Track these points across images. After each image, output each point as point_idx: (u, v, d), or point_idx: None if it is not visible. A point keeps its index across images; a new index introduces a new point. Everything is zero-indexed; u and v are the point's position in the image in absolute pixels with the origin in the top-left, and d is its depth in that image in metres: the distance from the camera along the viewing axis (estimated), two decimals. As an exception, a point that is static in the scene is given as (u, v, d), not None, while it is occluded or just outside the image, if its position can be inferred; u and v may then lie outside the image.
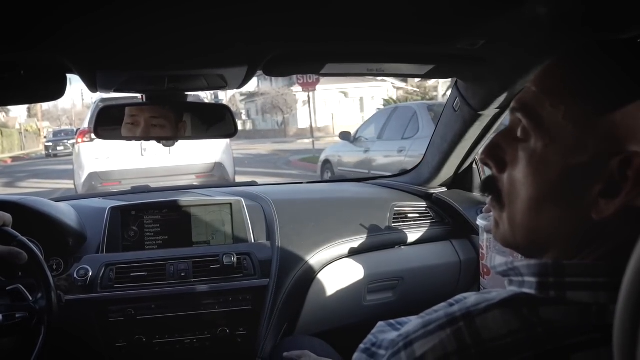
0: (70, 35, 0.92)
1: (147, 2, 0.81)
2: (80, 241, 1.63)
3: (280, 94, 27.32)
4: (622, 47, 0.59)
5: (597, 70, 0.56)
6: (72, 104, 36.08)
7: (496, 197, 0.64)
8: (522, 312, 0.53)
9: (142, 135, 1.30)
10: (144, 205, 1.71)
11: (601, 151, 0.53)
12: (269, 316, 1.59)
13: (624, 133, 0.52)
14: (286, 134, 27.16)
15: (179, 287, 1.55)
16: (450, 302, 0.62)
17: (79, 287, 1.50)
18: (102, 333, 1.52)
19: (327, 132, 26.18)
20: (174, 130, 1.29)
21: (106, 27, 0.89)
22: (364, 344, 0.74)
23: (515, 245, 0.63)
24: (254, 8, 0.85)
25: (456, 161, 1.85)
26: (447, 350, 0.54)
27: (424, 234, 1.86)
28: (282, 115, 27.87)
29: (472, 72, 1.41)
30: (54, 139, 24.62)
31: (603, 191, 0.53)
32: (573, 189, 0.55)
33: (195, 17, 0.88)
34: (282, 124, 28.64)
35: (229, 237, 1.70)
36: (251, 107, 34.16)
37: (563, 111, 0.56)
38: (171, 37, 0.96)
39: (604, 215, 0.53)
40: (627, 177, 0.52)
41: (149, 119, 1.28)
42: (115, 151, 6.71)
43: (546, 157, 0.57)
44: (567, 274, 0.55)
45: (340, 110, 26.20)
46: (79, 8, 0.80)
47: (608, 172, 0.53)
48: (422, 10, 0.92)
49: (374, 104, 26.10)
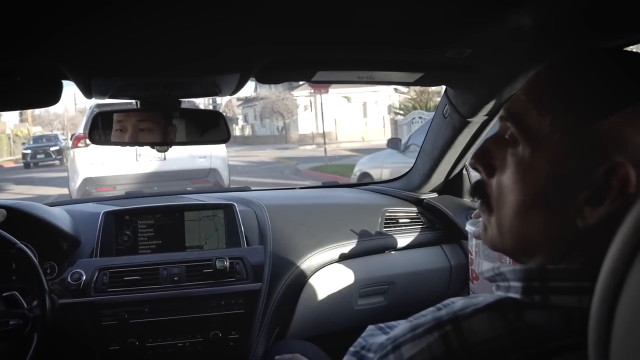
0: (66, 41, 0.93)
1: (144, 12, 0.82)
2: (74, 245, 1.64)
3: (280, 98, 26.37)
4: (608, 56, 0.60)
5: (583, 79, 0.57)
6: (65, 108, 35.43)
7: (485, 202, 0.65)
8: (508, 317, 0.54)
9: (131, 141, 1.31)
10: (138, 210, 1.72)
11: (587, 160, 0.54)
12: (261, 320, 1.60)
13: (609, 142, 0.53)
14: (287, 140, 26.36)
15: (172, 291, 1.56)
16: (438, 307, 0.62)
17: (72, 291, 1.51)
18: (96, 337, 1.53)
19: (330, 138, 24.72)
20: (162, 135, 1.29)
21: (102, 33, 0.90)
22: (353, 347, 0.75)
23: (503, 249, 0.64)
24: (247, 16, 0.87)
25: (446, 167, 1.87)
26: (434, 353, 0.55)
27: (415, 239, 1.88)
28: (282, 120, 26.84)
29: (460, 80, 1.43)
30: (33, 145, 20.97)
31: (588, 199, 0.54)
32: (559, 196, 0.56)
33: (189, 26, 0.89)
34: (283, 129, 27.59)
35: (222, 242, 1.71)
36: (249, 112, 32.88)
37: (550, 120, 0.56)
38: (166, 45, 0.98)
39: (589, 222, 0.54)
40: (612, 186, 0.52)
41: (136, 124, 1.29)
42: (110, 156, 6.73)
43: (533, 164, 0.57)
44: (551, 278, 0.55)
45: (343, 116, 25.40)
46: (75, 15, 0.81)
47: (593, 180, 0.53)
48: (411, 19, 0.94)
49: (377, 109, 25.69)
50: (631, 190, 0.51)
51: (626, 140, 0.52)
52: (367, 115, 26.45)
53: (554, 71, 0.59)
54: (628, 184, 0.51)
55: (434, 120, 1.78)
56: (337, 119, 24.73)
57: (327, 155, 12.91)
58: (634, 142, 0.52)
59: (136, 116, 1.29)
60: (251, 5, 0.82)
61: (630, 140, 0.52)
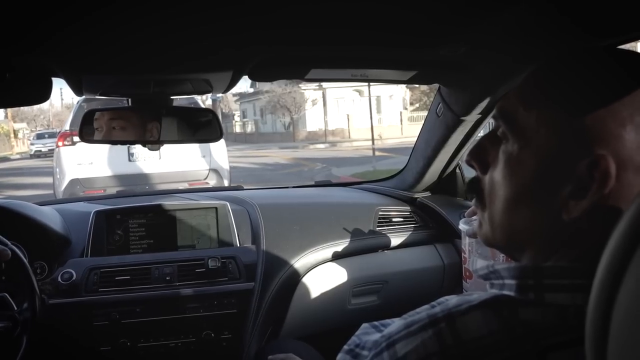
0: (57, 38, 0.92)
1: (134, 7, 0.81)
2: (64, 245, 1.62)
3: (287, 91, 24.26)
4: (592, 53, 0.61)
5: (567, 76, 0.58)
6: (50, 104, 34.65)
7: (479, 198, 0.66)
8: (502, 314, 0.54)
9: (105, 139, 1.31)
10: (129, 209, 1.71)
11: (571, 154, 0.55)
12: (254, 320, 1.59)
13: (593, 136, 0.54)
14: (294, 137, 24.37)
15: (163, 291, 1.55)
16: (432, 304, 0.63)
17: (63, 291, 1.49)
18: (87, 337, 1.52)
19: (342, 136, 23.26)
20: (139, 133, 1.28)
21: (93, 31, 0.89)
22: (347, 345, 0.75)
23: (496, 244, 0.65)
24: (239, 13, 0.86)
25: (440, 166, 1.86)
26: (428, 350, 0.55)
27: (408, 238, 1.87)
28: (289, 116, 24.74)
29: (454, 79, 1.43)
30: (37, 140, 25.52)
31: (572, 192, 0.55)
32: (545, 190, 0.57)
33: (181, 22, 0.88)
34: (290, 125, 25.55)
35: (214, 241, 1.71)
36: (248, 108, 30.72)
37: (535, 115, 0.58)
38: (157, 41, 0.97)
39: (573, 215, 0.55)
40: (594, 179, 0.53)
41: (108, 122, 1.29)
42: (99, 156, 6.22)
43: (521, 159, 0.59)
44: (545, 275, 0.56)
45: (355, 111, 23.48)
46: (67, 12, 0.80)
47: (577, 174, 0.54)
48: (405, 17, 0.94)
49: (392, 104, 24.15)
50: (611, 183, 0.52)
51: (609, 134, 0.53)
52: (382, 110, 24.64)
53: (540, 69, 0.61)
54: (608, 177, 0.53)
55: (427, 118, 1.78)
56: (349, 114, 22.99)
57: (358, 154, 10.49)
58: (616, 135, 0.53)
59: (108, 115, 1.29)
60: (244, 3, 0.82)
61: (613, 134, 0.53)
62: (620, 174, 0.53)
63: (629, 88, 0.54)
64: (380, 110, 24.53)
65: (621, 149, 0.53)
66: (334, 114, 24.65)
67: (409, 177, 1.99)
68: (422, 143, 1.84)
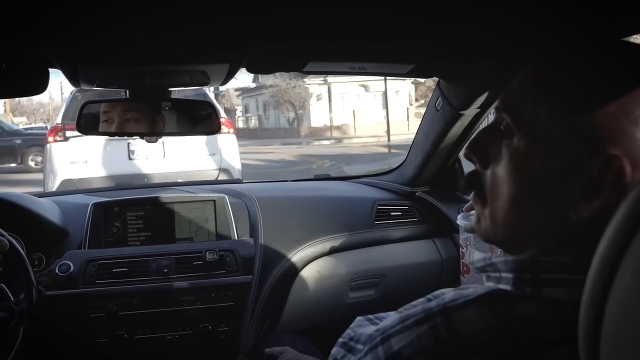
0: (53, 28, 0.91)
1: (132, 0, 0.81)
2: (62, 237, 1.62)
3: (291, 86, 23.26)
4: (603, 47, 0.59)
5: (579, 71, 0.56)
6: (50, 97, 33.82)
7: (479, 193, 0.64)
8: (498, 308, 0.54)
9: (117, 131, 1.29)
10: (127, 202, 1.70)
11: (581, 152, 0.53)
12: (251, 313, 1.59)
13: (604, 135, 0.52)
14: (299, 133, 23.66)
15: (161, 283, 1.55)
16: (428, 298, 0.62)
17: (60, 283, 1.49)
18: (83, 329, 1.52)
19: (346, 132, 22.67)
20: (150, 125, 1.27)
21: (89, 21, 0.88)
22: (342, 338, 0.74)
23: (496, 241, 0.64)
24: (237, 4, 0.85)
25: (439, 160, 1.86)
26: (423, 345, 0.55)
27: (407, 232, 1.87)
28: (293, 111, 23.94)
29: (453, 72, 1.42)
30: None
31: (582, 192, 0.53)
32: (553, 189, 0.55)
33: (178, 12, 0.88)
34: (294, 121, 24.80)
35: (212, 234, 1.70)
36: (250, 103, 29.61)
37: (545, 111, 0.56)
38: (154, 32, 0.96)
39: (583, 216, 0.53)
40: (607, 180, 0.51)
41: (122, 114, 1.27)
42: (95, 154, 5.41)
43: (528, 156, 0.57)
44: (542, 270, 0.55)
45: (361, 107, 22.96)
46: (61, 1, 0.79)
47: (588, 173, 0.52)
48: (403, 12, 0.93)
49: (399, 99, 23.36)
50: (626, 184, 0.51)
51: (621, 133, 0.51)
52: (388, 106, 23.74)
53: (549, 63, 0.59)
54: (623, 178, 0.51)
55: (426, 112, 1.77)
56: (355, 110, 22.49)
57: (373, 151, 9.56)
58: (629, 134, 0.51)
59: (122, 107, 1.27)
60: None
61: (626, 134, 0.51)
62: (635, 175, 0.51)
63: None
64: (386, 106, 23.87)
65: (635, 149, 0.51)
66: (339, 109, 24.21)
67: (408, 171, 1.98)
68: (422, 137, 1.83)
